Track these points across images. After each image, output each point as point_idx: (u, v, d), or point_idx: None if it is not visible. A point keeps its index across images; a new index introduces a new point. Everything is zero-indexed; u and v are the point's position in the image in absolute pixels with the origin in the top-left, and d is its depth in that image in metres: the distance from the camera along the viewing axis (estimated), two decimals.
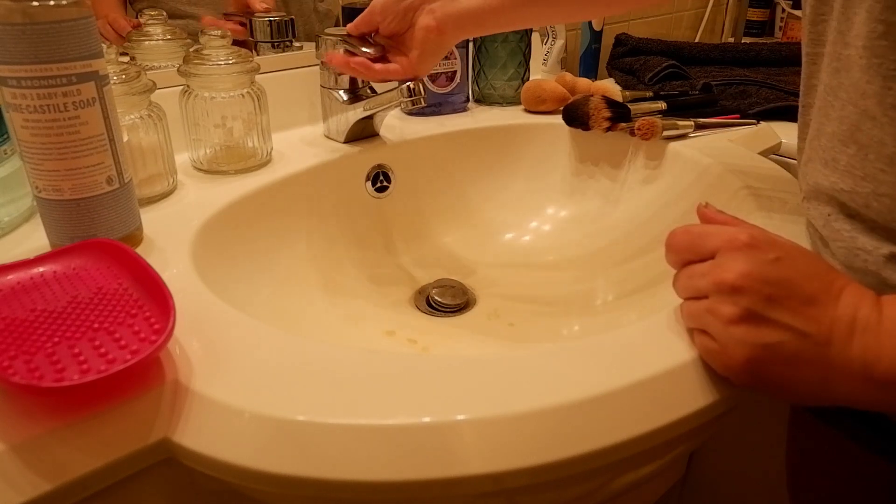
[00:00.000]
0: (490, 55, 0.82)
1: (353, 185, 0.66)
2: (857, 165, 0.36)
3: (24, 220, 0.49)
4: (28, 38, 0.37)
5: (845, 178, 0.37)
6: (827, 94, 0.38)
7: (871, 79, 0.33)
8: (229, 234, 0.52)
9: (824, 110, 0.38)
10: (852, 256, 0.38)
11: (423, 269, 0.67)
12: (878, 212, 0.35)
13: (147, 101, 0.52)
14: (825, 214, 0.40)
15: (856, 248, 0.37)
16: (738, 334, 0.31)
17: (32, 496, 0.28)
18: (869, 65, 0.33)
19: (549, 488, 0.33)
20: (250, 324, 0.38)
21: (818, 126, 0.40)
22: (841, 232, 0.38)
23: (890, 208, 0.35)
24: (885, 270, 0.36)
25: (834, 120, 0.37)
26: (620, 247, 0.66)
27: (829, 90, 0.38)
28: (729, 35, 1.36)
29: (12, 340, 0.32)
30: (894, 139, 0.33)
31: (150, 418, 0.31)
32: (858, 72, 0.34)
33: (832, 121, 0.38)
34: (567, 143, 0.74)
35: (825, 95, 0.38)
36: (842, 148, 0.37)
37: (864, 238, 0.37)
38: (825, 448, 0.47)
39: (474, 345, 0.58)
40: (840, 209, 0.39)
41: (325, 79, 0.66)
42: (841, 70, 0.36)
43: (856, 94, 0.35)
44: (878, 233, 0.36)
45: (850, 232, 0.38)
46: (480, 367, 0.34)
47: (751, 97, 0.81)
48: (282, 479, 0.30)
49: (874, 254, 0.36)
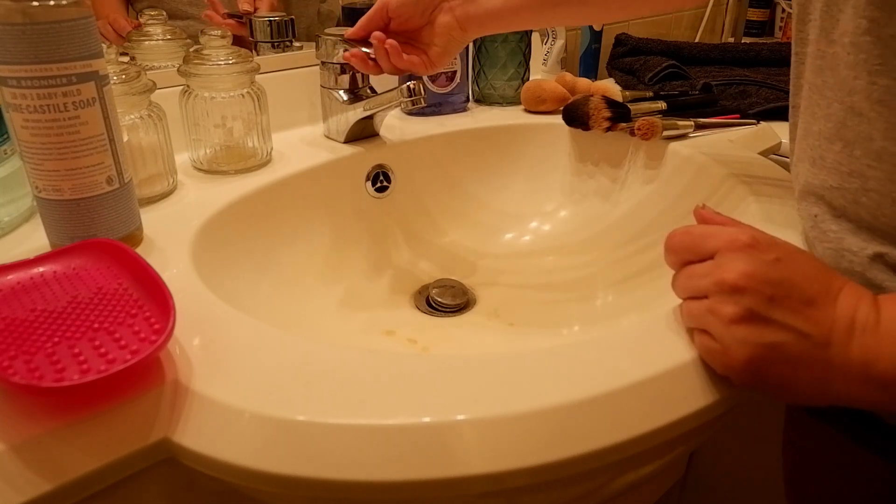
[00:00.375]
0: (490, 55, 0.82)
1: (353, 185, 0.66)
2: (844, 162, 0.36)
3: (24, 220, 0.49)
4: (28, 38, 0.37)
5: (832, 175, 0.37)
6: (812, 93, 0.38)
7: (858, 74, 0.33)
8: (229, 234, 0.52)
9: (810, 109, 0.39)
10: (838, 258, 0.38)
11: (423, 269, 0.67)
12: (867, 207, 0.36)
13: (147, 101, 0.52)
14: (813, 216, 0.40)
15: (842, 250, 0.37)
16: (739, 334, 0.31)
17: (32, 496, 0.28)
18: (856, 61, 0.33)
19: (549, 488, 0.33)
20: (250, 324, 0.38)
21: (805, 126, 0.40)
22: (828, 233, 0.39)
23: (878, 203, 0.35)
24: (871, 271, 0.36)
25: (820, 118, 0.38)
26: (620, 247, 0.66)
27: (814, 89, 0.38)
28: (729, 35, 1.36)
29: (12, 340, 0.32)
30: (882, 134, 0.33)
31: (150, 418, 0.31)
32: (845, 68, 0.34)
33: (818, 119, 0.38)
34: (567, 143, 0.74)
35: (810, 94, 0.39)
36: (828, 145, 0.37)
37: (850, 239, 0.37)
38: (822, 447, 0.47)
39: (474, 345, 0.58)
40: (828, 210, 0.39)
41: (325, 79, 0.66)
42: (825, 68, 0.36)
43: (842, 91, 0.35)
44: (864, 233, 0.37)
45: (836, 233, 0.38)
46: (480, 367, 0.34)
47: (751, 97, 0.81)
48: (282, 479, 0.30)
49: (860, 255, 0.36)
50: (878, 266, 0.36)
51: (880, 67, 0.32)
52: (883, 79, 0.32)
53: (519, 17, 0.57)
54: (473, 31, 0.59)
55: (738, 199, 0.55)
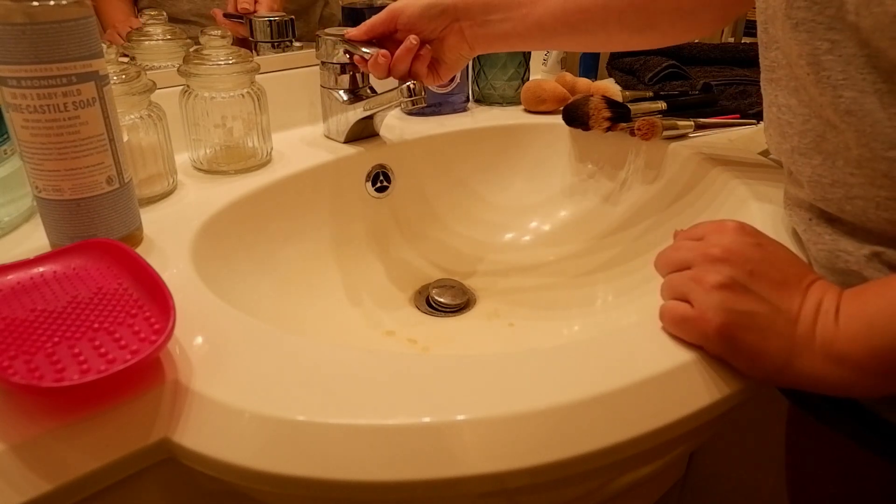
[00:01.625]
0: (490, 55, 0.82)
1: (353, 185, 0.66)
2: (826, 174, 0.38)
3: (24, 220, 0.49)
4: (28, 38, 0.37)
5: (814, 188, 0.39)
6: (782, 114, 0.40)
7: (823, 91, 0.35)
8: (229, 234, 0.52)
9: (780, 129, 0.41)
10: (834, 258, 0.39)
11: (423, 269, 0.67)
12: (853, 214, 0.37)
13: (147, 101, 0.52)
14: (806, 219, 0.41)
15: (837, 251, 0.38)
16: (717, 299, 0.34)
17: (32, 496, 0.28)
18: (818, 79, 0.35)
19: (549, 488, 0.33)
20: (250, 324, 0.38)
21: (776, 146, 0.42)
22: (822, 235, 0.40)
23: (863, 209, 0.36)
24: (867, 270, 0.37)
25: (793, 136, 0.39)
26: (620, 247, 0.66)
27: (784, 110, 0.40)
28: (729, 35, 1.36)
29: (12, 340, 0.32)
30: (856, 143, 0.35)
31: (150, 418, 0.31)
32: (811, 87, 0.36)
33: (790, 137, 0.40)
34: (567, 143, 0.74)
35: (780, 115, 0.40)
36: (805, 161, 0.39)
37: (845, 241, 0.38)
38: (824, 448, 0.47)
39: (474, 345, 0.58)
40: (820, 214, 0.40)
41: (325, 79, 0.66)
42: (799, 88, 0.38)
43: (817, 107, 0.37)
44: (859, 235, 0.37)
45: (830, 235, 0.39)
46: (480, 367, 0.34)
47: (751, 97, 0.81)
48: (282, 479, 0.30)
49: (856, 255, 0.37)
50: (875, 264, 0.36)
51: (844, 82, 0.34)
52: (848, 91, 0.34)
53: (527, 42, 0.59)
54: (481, 50, 0.60)
55: (738, 199, 0.55)
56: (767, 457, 0.71)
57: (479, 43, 0.59)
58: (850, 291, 0.34)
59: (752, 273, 0.34)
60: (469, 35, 0.58)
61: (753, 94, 0.82)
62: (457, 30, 0.58)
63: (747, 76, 0.88)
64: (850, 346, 0.32)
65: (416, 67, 0.59)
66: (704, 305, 0.34)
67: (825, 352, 0.33)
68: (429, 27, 0.58)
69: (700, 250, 0.36)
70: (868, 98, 0.33)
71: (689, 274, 0.36)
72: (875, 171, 0.34)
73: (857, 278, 0.37)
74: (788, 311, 0.34)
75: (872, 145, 0.34)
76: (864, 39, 0.32)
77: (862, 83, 0.33)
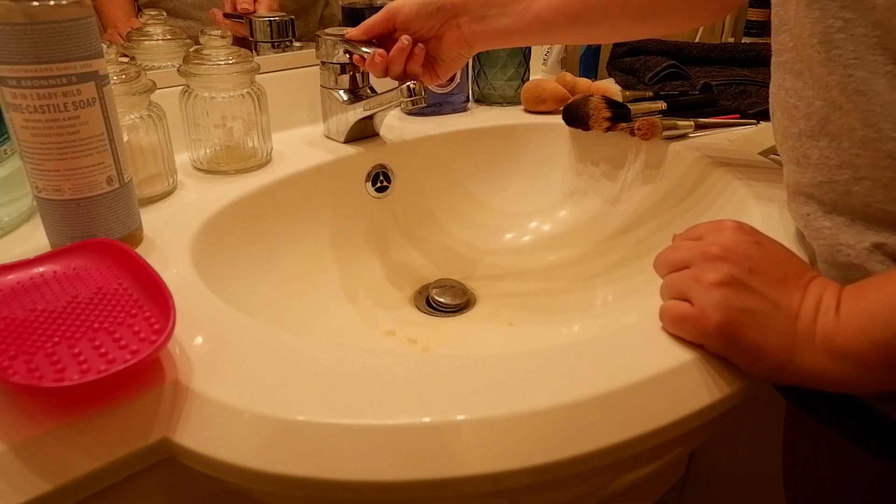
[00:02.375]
0: (490, 55, 0.82)
1: (354, 186, 0.66)
2: (832, 156, 0.37)
3: (24, 220, 0.49)
4: (28, 38, 0.37)
5: (821, 171, 0.39)
6: (789, 97, 0.40)
7: (832, 70, 0.35)
8: (229, 234, 0.52)
9: (787, 113, 0.40)
10: (835, 253, 0.39)
11: (423, 269, 0.67)
12: (859, 196, 0.37)
13: (147, 101, 0.52)
14: (805, 215, 0.41)
15: (838, 245, 0.38)
16: (717, 296, 0.34)
17: (32, 496, 0.28)
18: (828, 58, 0.35)
19: (549, 488, 0.33)
20: (250, 324, 0.38)
21: (783, 130, 0.42)
22: (822, 231, 0.40)
23: (871, 190, 0.36)
24: (869, 262, 0.37)
25: (800, 119, 0.39)
26: (620, 247, 0.66)
27: (791, 93, 0.40)
28: (729, 35, 1.36)
29: (12, 340, 0.32)
30: (861, 123, 0.35)
31: (150, 418, 0.31)
32: (819, 67, 0.36)
33: (797, 121, 0.39)
34: (567, 143, 0.74)
35: (787, 98, 0.40)
36: (812, 143, 0.39)
37: (845, 234, 0.38)
38: (821, 447, 0.47)
39: (474, 345, 0.58)
40: (819, 207, 0.40)
41: (325, 79, 0.66)
42: (804, 71, 0.38)
43: (822, 89, 0.37)
44: (859, 225, 0.37)
45: (830, 230, 0.39)
46: (480, 367, 0.34)
47: (751, 97, 0.81)
48: (282, 479, 0.30)
49: (857, 247, 0.37)
50: (878, 256, 0.36)
51: (856, 61, 0.34)
52: (859, 71, 0.34)
53: (527, 36, 0.58)
54: (480, 47, 0.60)
55: (738, 199, 0.55)
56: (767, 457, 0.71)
57: (477, 40, 0.59)
58: (850, 287, 0.34)
59: (752, 270, 0.34)
60: (467, 32, 0.58)
61: (753, 94, 0.82)
62: (455, 27, 0.58)
63: (747, 76, 0.88)
64: (851, 341, 0.32)
65: (410, 67, 0.58)
66: (704, 303, 0.34)
67: (826, 347, 0.33)
68: (426, 25, 0.58)
69: (699, 249, 0.36)
70: (878, 79, 0.33)
71: (688, 273, 0.36)
72: (880, 151, 0.34)
73: (860, 272, 0.37)
74: (788, 307, 0.34)
75: (880, 125, 0.34)
76: (878, 19, 0.32)
77: (873, 64, 0.33)
